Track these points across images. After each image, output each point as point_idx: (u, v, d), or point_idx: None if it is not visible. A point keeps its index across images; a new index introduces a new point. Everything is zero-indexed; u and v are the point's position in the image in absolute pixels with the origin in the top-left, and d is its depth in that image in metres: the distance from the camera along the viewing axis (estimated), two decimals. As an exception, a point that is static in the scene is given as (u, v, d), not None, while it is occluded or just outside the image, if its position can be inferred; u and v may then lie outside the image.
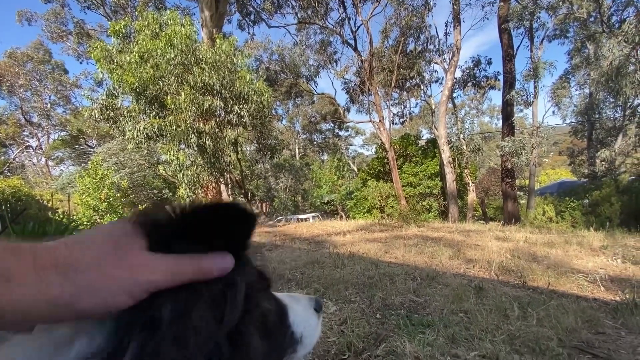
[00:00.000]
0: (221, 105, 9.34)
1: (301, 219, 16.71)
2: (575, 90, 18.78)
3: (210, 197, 11.20)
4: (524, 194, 22.18)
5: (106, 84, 10.07)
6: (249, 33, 22.15)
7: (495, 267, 3.61)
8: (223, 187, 12.49)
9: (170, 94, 9.00)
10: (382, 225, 8.76)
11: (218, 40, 9.81)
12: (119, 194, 13.38)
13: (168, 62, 8.76)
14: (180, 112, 8.88)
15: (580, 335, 1.95)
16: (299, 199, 27.13)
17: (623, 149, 15.59)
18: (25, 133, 30.84)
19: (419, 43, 19.38)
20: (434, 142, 20.50)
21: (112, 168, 15.61)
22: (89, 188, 11.82)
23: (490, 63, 20.85)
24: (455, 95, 21.01)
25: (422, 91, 22.70)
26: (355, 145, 41.62)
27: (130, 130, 9.09)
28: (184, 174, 9.50)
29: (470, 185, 18.86)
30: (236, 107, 9.62)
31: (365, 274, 3.39)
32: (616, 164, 16.01)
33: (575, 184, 19.56)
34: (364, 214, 19.76)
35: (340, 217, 18.20)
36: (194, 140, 9.13)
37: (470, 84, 21.83)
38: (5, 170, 27.99)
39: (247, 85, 9.78)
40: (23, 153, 31.29)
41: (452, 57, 16.90)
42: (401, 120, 25.73)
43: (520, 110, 17.20)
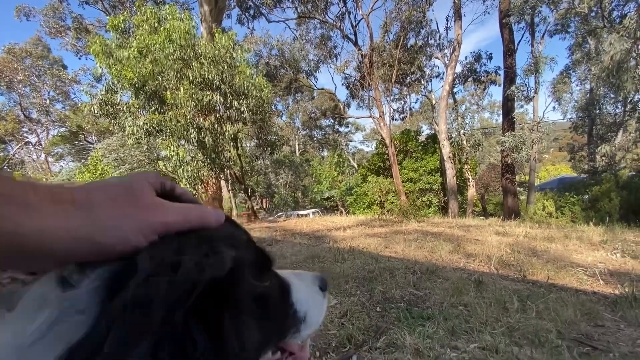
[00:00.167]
0: (221, 100, 9.30)
1: (301, 215, 16.73)
2: (576, 85, 18.74)
3: (210, 193, 11.21)
4: (524, 189, 22.17)
5: (105, 80, 10.02)
6: (248, 28, 22.10)
7: (495, 261, 3.62)
8: (223, 183, 12.47)
9: (170, 89, 8.96)
10: (382, 221, 8.75)
11: (217, 34, 9.74)
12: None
13: (167, 57, 8.72)
14: (179, 108, 8.85)
15: (579, 328, 1.95)
16: (299, 195, 27.11)
17: (623, 144, 15.59)
18: (24, 129, 30.71)
19: (420, 38, 19.30)
20: (434, 138, 20.47)
21: (112, 164, 15.60)
22: (88, 184, 11.80)
23: (490, 58, 20.77)
24: (455, 90, 20.96)
25: (423, 86, 22.64)
26: (355, 141, 41.69)
27: (129, 126, 9.06)
28: (184, 170, 9.49)
29: (470, 180, 18.85)
30: (236, 103, 9.58)
31: (365, 268, 3.39)
32: (616, 160, 16.00)
33: (576, 179, 19.51)
34: (364, 209, 19.78)
35: (340, 213, 18.21)
36: (193, 136, 9.10)
37: (470, 79, 21.75)
38: (5, 167, 27.97)
39: (247, 80, 9.74)
40: (22, 149, 31.22)
41: (453, 52, 16.82)
42: (401, 115, 25.72)
43: (521, 106, 17.09)
